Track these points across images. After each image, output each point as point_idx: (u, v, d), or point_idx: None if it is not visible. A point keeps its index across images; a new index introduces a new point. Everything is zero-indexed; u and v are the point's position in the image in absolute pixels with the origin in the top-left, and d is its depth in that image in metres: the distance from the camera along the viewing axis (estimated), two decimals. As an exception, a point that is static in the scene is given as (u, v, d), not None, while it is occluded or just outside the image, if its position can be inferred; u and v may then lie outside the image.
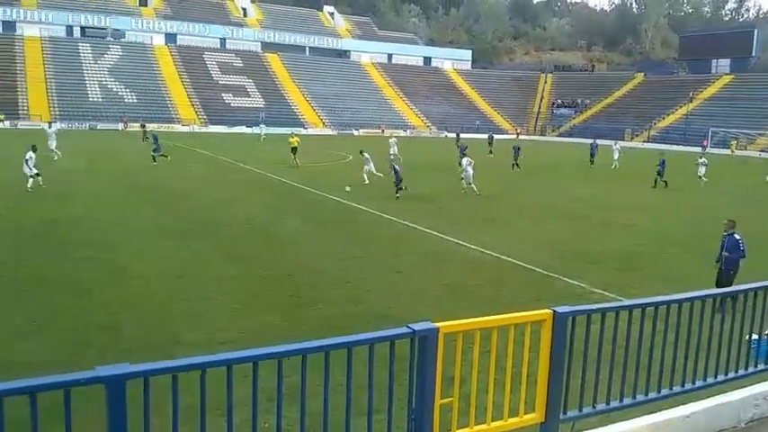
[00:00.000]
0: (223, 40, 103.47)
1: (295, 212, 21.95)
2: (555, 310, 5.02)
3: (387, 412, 4.34)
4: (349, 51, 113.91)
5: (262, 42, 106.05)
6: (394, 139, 46.20)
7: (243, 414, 3.88)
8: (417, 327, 4.39)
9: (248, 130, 78.40)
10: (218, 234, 17.93)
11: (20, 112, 75.11)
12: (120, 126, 74.09)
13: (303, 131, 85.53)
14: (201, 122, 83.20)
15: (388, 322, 8.64)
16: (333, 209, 23.14)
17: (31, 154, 24.60)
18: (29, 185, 24.12)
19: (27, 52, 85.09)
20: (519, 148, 41.32)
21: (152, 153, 36.10)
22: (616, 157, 45.32)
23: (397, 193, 25.52)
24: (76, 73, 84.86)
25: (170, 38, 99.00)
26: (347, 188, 27.02)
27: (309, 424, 4.13)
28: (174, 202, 23.40)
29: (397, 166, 26.68)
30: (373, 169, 30.28)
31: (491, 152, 50.83)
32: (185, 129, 78.64)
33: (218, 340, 9.63)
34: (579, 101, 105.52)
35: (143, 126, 62.28)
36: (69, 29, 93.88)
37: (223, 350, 6.12)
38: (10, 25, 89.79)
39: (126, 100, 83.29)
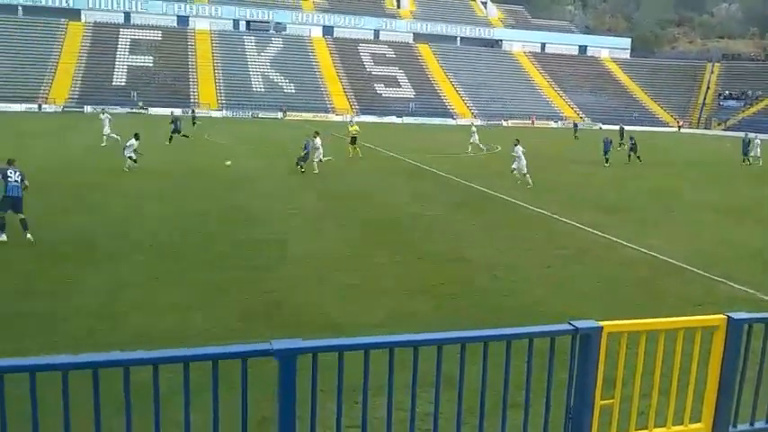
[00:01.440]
0: (377, 32, 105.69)
1: (443, 201, 22.05)
2: (730, 316, 4.71)
3: (544, 408, 4.28)
4: (500, 41, 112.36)
5: (414, 33, 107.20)
6: (474, 127, 45.83)
7: (397, 397, 3.97)
8: (580, 324, 4.28)
9: (398, 120, 79.68)
10: (368, 220, 18.38)
11: (191, 101, 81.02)
12: (280, 115, 77.91)
13: (451, 122, 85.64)
14: (354, 112, 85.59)
15: (542, 318, 8.50)
16: (478, 198, 23.02)
17: (132, 141, 26.79)
18: (126, 166, 26.30)
19: (198, 45, 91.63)
20: (633, 139, 39.28)
21: (171, 133, 38.52)
22: (758, 153, 41.55)
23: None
24: (241, 64, 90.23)
25: (327, 30, 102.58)
26: (227, 163, 27.24)
27: (463, 412, 4.15)
28: (326, 185, 24.30)
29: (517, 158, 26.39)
30: (524, 166, 29.17)
31: (621, 144, 48.06)
32: (339, 118, 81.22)
33: (368, 323, 9.91)
34: (749, 92, 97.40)
35: (193, 114, 63.52)
36: (236, 22, 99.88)
37: (371, 334, 6.29)
38: (184, 20, 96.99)
39: (285, 90, 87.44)
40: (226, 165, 27.04)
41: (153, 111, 73.87)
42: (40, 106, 73.24)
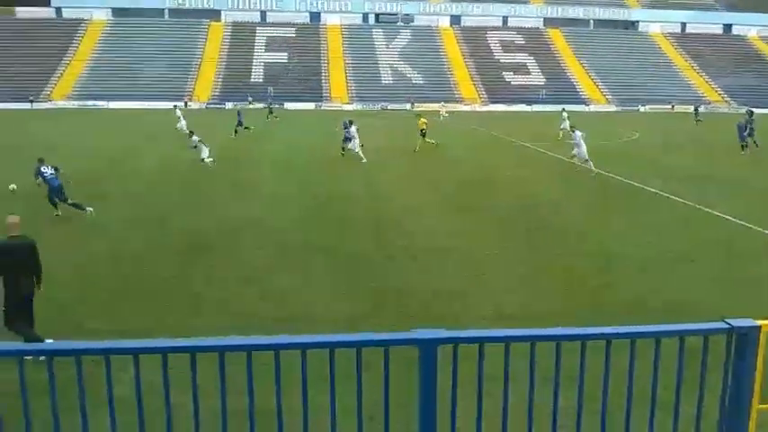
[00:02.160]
0: (505, 19, 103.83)
1: (576, 192, 21.40)
2: None
3: (696, 411, 4.07)
4: (637, 22, 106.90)
5: (544, 18, 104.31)
6: (566, 113, 43.26)
7: (539, 391, 3.91)
8: (735, 322, 4.02)
9: (528, 108, 78.08)
10: (499, 210, 18.17)
11: (323, 95, 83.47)
12: (408, 106, 78.50)
13: (585, 108, 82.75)
14: (482, 101, 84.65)
15: (689, 316, 8.09)
16: (615, 188, 22.11)
17: (195, 138, 27.68)
18: (208, 163, 26.74)
19: (329, 40, 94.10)
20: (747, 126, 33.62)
21: (236, 127, 40.14)
22: None
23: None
24: (370, 57, 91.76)
25: (454, 19, 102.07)
26: (11, 187, 17.71)
27: (589, 409, 4.02)
28: (449, 173, 24.24)
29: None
30: (584, 153, 27.24)
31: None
32: (467, 108, 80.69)
33: (490, 316, 9.82)
34: None
35: (270, 107, 64.77)
36: (365, 16, 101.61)
37: (495, 326, 6.21)
38: (316, 16, 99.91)
39: (413, 81, 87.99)
40: (10, 189, 17.64)
41: (288, 106, 76.71)
42: (186, 104, 78.10)
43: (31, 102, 74.90)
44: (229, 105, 77.52)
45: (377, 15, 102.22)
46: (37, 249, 8.38)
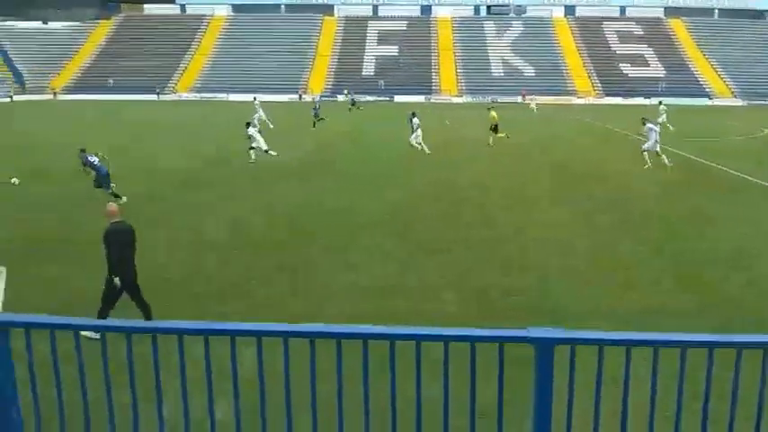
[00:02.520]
0: (623, 8, 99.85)
1: (702, 192, 20.31)
2: None
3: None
4: (766, 12, 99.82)
5: (665, 8, 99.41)
6: (663, 107, 40.60)
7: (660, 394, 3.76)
8: None
9: (646, 102, 74.79)
10: (622, 210, 17.55)
11: (432, 88, 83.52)
12: (519, 99, 77.14)
13: (707, 102, 78.42)
14: (596, 94, 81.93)
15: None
16: (733, 183, 20.82)
17: (251, 130, 26.61)
18: (251, 159, 25.74)
19: (440, 33, 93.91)
20: None
21: (313, 118, 42.05)
22: None
23: None
24: (481, 50, 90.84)
25: (569, 10, 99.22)
26: (14, 180, 19.80)
27: (714, 419, 3.81)
28: (560, 171, 23.61)
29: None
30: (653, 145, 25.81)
31: None
32: (580, 101, 78.34)
33: (605, 313, 9.51)
34: None
35: (352, 99, 65.83)
36: (476, 8, 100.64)
37: (611, 325, 6.00)
38: (427, 9, 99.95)
39: (525, 74, 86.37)
40: (12, 182, 19.85)
41: (398, 99, 77.26)
42: (300, 96, 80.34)
43: (158, 94, 79.41)
44: (341, 98, 79.13)
45: (488, 7, 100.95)
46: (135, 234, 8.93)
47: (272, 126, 39.99)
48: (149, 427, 3.88)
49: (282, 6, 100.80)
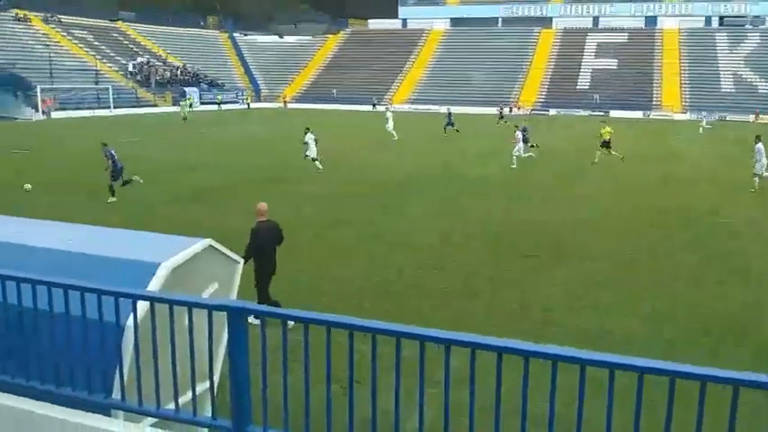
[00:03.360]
0: None
1: None
2: None
3: None
4: None
5: None
6: None
7: None
8: None
9: None
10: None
11: (653, 102, 79.61)
12: (752, 118, 70.74)
13: None
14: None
15: None
16: None
17: (309, 136, 26.78)
18: (318, 168, 26.38)
19: (665, 45, 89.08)
20: None
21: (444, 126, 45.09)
22: None
23: None
24: (710, 63, 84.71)
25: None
26: (26, 186, 21.37)
27: None
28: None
29: None
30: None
31: None
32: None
33: None
34: None
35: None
36: (708, 19, 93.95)
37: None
38: (651, 20, 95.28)
39: (760, 90, 79.16)
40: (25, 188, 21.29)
41: (614, 113, 74.65)
42: (510, 110, 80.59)
43: (374, 105, 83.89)
44: (552, 112, 78.17)
45: (721, 18, 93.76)
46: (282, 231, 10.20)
47: (395, 138, 40.99)
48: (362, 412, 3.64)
49: (499, 19, 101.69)
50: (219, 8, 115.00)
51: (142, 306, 4.17)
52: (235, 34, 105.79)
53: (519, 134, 30.49)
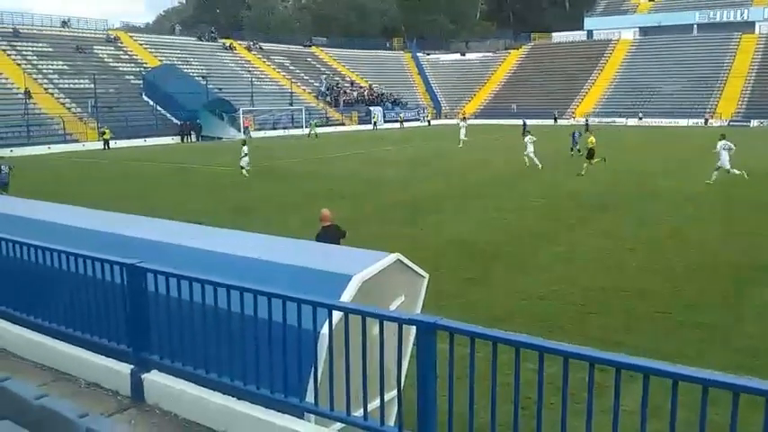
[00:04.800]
0: None
1: None
2: None
3: None
4: None
5: None
6: None
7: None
8: None
9: None
10: None
11: None
12: None
13: None
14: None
15: None
16: None
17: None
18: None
19: None
20: None
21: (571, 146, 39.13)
22: None
23: None
24: None
25: None
26: None
27: None
28: None
29: None
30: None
31: None
32: None
33: None
34: None
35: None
36: None
37: None
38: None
39: None
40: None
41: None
42: (706, 121, 74.88)
43: (555, 119, 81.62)
44: (755, 123, 71.50)
45: None
46: (345, 234, 10.29)
47: (460, 145, 43.91)
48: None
49: (694, 26, 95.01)
50: (404, 29, 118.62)
51: (336, 315, 4.39)
52: (418, 54, 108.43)
53: (722, 146, 26.18)
